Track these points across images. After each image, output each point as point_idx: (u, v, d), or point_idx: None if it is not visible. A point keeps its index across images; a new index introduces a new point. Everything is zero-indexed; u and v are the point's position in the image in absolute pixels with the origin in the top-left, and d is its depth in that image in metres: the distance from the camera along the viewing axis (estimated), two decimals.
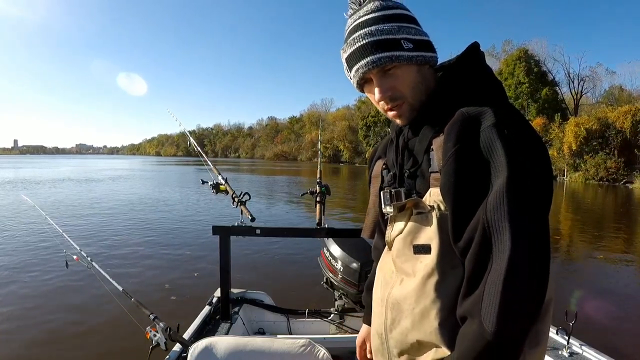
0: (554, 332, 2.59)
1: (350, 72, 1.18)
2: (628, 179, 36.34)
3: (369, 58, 1.11)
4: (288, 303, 3.37)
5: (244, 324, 3.10)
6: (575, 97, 54.78)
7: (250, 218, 2.96)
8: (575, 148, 39.51)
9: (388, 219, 1.28)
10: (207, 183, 3.27)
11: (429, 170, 1.13)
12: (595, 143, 39.12)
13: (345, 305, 3.15)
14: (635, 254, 10.58)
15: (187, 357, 2.09)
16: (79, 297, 6.01)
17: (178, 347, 2.39)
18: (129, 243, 9.68)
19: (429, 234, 1.11)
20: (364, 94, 1.26)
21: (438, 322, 1.06)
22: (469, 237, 0.98)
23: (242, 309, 3.17)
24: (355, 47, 1.13)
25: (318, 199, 3.20)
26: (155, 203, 17.65)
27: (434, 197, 1.10)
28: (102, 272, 2.82)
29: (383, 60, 1.11)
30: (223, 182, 3.25)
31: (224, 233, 2.91)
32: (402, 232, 1.19)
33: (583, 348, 2.45)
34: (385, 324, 1.21)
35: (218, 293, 3.09)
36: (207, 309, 3.04)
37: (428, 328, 1.08)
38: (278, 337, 2.68)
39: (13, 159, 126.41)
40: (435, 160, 1.10)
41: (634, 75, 76.00)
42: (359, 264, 2.97)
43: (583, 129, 39.49)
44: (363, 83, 1.20)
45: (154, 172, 48.56)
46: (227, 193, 3.19)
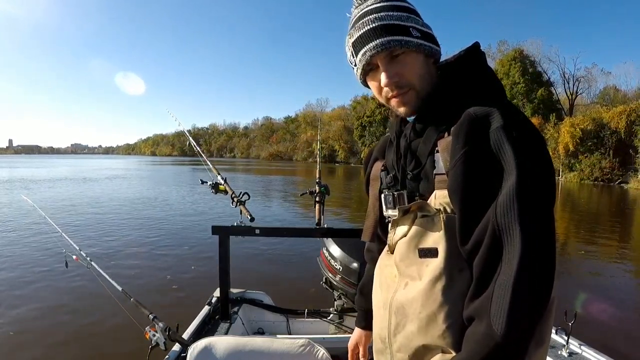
0: (553, 331, 2.59)
1: (357, 56, 1.15)
2: (623, 179, 36.51)
3: (378, 41, 1.09)
4: (287, 303, 3.37)
5: (244, 324, 3.09)
6: (571, 97, 54.98)
7: (250, 218, 2.96)
8: (571, 148, 39.64)
9: (390, 222, 1.26)
10: (206, 183, 3.26)
11: (434, 172, 1.11)
12: (590, 143, 39.25)
13: (345, 305, 3.14)
14: (632, 254, 10.64)
15: (186, 357, 2.09)
16: (78, 297, 6.00)
17: (177, 347, 2.38)
18: (128, 243, 9.68)
19: (436, 238, 1.09)
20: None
21: (446, 325, 1.05)
22: (478, 239, 0.97)
23: (241, 309, 3.17)
24: (364, 30, 1.11)
25: (317, 199, 3.20)
26: (154, 203, 17.68)
27: (440, 199, 1.09)
28: (101, 272, 2.82)
29: (392, 44, 1.09)
30: (222, 182, 3.24)
31: (224, 233, 2.90)
32: (405, 235, 1.17)
33: (582, 348, 2.46)
34: (389, 329, 1.19)
35: (217, 293, 3.08)
36: (206, 309, 3.03)
37: (436, 332, 1.06)
38: (277, 337, 2.68)
39: (8, 159, 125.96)
40: (442, 162, 1.08)
41: (629, 76, 76.34)
42: (359, 264, 2.96)
43: (578, 129, 39.63)
44: (367, 71, 1.17)
45: (151, 171, 48.54)
46: (226, 193, 3.18)
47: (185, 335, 2.61)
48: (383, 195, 1.28)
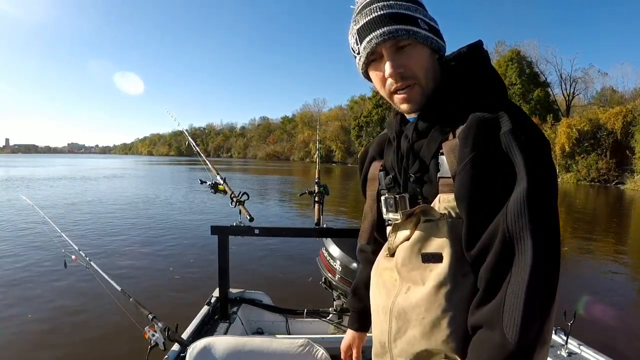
0: (553, 331, 2.60)
1: (361, 44, 1.11)
2: (619, 180, 36.56)
3: (386, 28, 1.06)
4: (287, 303, 3.37)
5: (243, 324, 3.09)
6: (568, 98, 55.03)
7: (249, 218, 2.95)
8: (567, 149, 39.69)
9: (390, 225, 1.24)
10: (205, 183, 3.26)
11: (438, 176, 1.09)
12: (587, 144, 39.30)
13: (344, 305, 3.14)
14: (628, 254, 10.66)
15: (185, 357, 2.09)
16: (77, 296, 6.00)
17: (177, 347, 2.38)
18: (128, 243, 9.68)
19: (440, 243, 1.07)
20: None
21: (450, 331, 1.04)
22: (485, 244, 0.97)
23: (240, 309, 3.17)
24: (371, 17, 1.08)
25: (317, 199, 3.20)
26: (153, 202, 17.68)
27: (445, 203, 1.07)
28: (100, 271, 2.81)
29: (400, 33, 1.06)
30: (221, 182, 3.24)
31: (223, 233, 2.90)
32: (408, 239, 1.14)
33: (581, 348, 2.47)
34: (390, 333, 1.17)
35: (217, 293, 3.08)
36: (205, 309, 3.03)
37: (439, 337, 1.05)
38: (277, 337, 2.68)
39: (5, 158, 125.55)
40: (447, 165, 1.06)
41: (626, 77, 76.41)
42: (358, 264, 2.96)
43: (575, 130, 39.69)
44: (370, 61, 1.14)
45: (148, 171, 48.39)
46: (225, 193, 3.18)
47: (185, 335, 2.61)
48: (383, 198, 1.26)
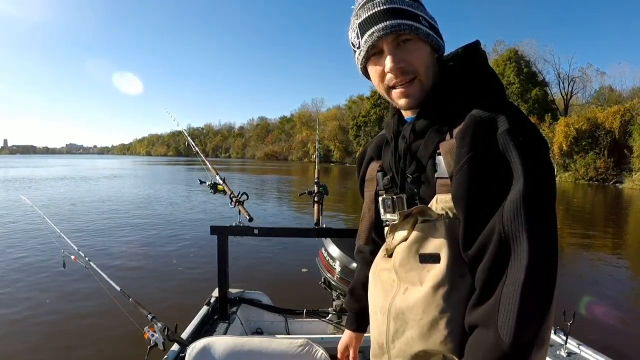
0: (552, 331, 2.60)
1: (362, 37, 1.11)
2: (617, 179, 36.60)
3: (388, 22, 1.06)
4: (286, 303, 3.37)
5: (242, 324, 3.09)
6: (565, 97, 55.09)
7: (249, 218, 2.96)
8: (565, 148, 39.74)
9: (387, 226, 1.24)
10: (204, 183, 3.26)
11: (435, 176, 1.10)
12: (585, 143, 39.36)
13: (343, 305, 3.14)
14: (626, 253, 10.68)
15: (185, 357, 2.09)
16: (77, 297, 5.99)
17: (176, 347, 2.38)
18: (127, 242, 9.67)
19: (438, 243, 1.07)
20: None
21: (447, 331, 1.04)
22: (482, 245, 0.97)
23: (240, 309, 3.17)
24: (373, 11, 1.08)
25: (316, 199, 3.20)
26: (152, 202, 17.67)
27: (442, 203, 1.07)
28: (99, 271, 2.82)
29: (402, 27, 1.06)
30: (221, 182, 3.24)
31: (222, 233, 2.90)
32: (405, 240, 1.14)
33: (580, 348, 2.47)
34: (387, 334, 1.17)
35: (216, 293, 3.08)
36: (205, 309, 3.03)
37: (437, 338, 1.05)
38: (276, 337, 2.68)
39: (3, 159, 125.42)
40: (444, 166, 1.07)
41: (624, 76, 76.21)
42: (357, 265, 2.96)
43: (573, 129, 39.76)
44: (370, 56, 1.14)
45: (147, 171, 48.38)
46: (225, 193, 3.18)
47: (184, 335, 2.61)
48: (381, 199, 1.26)
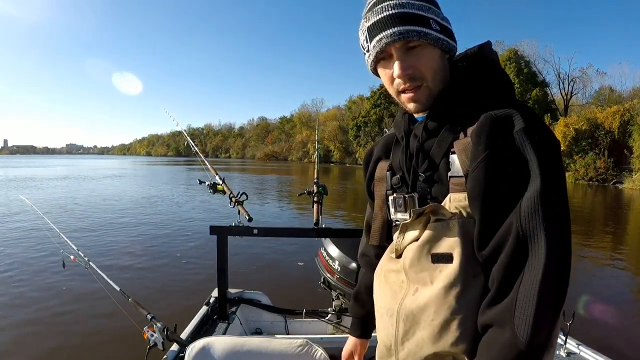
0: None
1: (371, 42, 1.10)
2: (617, 179, 36.62)
3: (396, 29, 1.04)
4: (285, 303, 3.37)
5: (242, 324, 3.09)
6: (565, 97, 55.11)
7: (248, 218, 2.96)
8: (565, 148, 39.74)
9: (398, 226, 1.21)
10: (204, 183, 3.26)
11: (449, 175, 1.08)
12: (585, 143, 39.37)
13: (343, 305, 3.14)
14: (626, 253, 10.69)
15: (184, 357, 2.09)
16: (76, 297, 5.99)
17: (175, 347, 2.38)
18: (126, 242, 9.67)
19: (451, 243, 1.05)
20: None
21: (459, 332, 1.03)
22: (498, 244, 0.96)
23: (239, 309, 3.17)
24: (382, 15, 1.06)
25: (315, 199, 3.20)
26: (152, 202, 17.67)
27: (455, 202, 1.06)
28: (99, 271, 2.82)
29: (411, 34, 1.05)
30: (220, 182, 3.24)
31: (222, 233, 2.90)
32: (416, 240, 1.12)
33: (580, 347, 2.47)
34: (397, 336, 1.15)
35: (215, 293, 3.08)
36: (204, 309, 3.03)
37: (449, 339, 1.04)
38: (275, 337, 2.68)
39: (4, 159, 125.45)
40: (458, 164, 1.06)
41: (624, 76, 76.28)
42: (357, 264, 2.96)
43: (572, 129, 39.77)
44: (380, 59, 1.13)
45: (147, 171, 48.42)
46: (224, 193, 3.18)
47: (184, 336, 2.61)
48: (392, 198, 1.24)
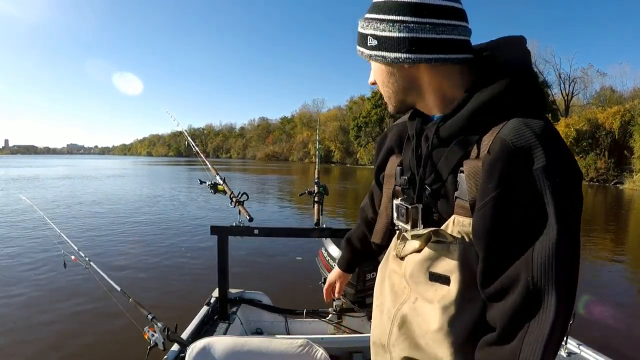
0: None
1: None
2: (618, 180, 36.64)
3: (358, 47, 1.10)
4: (286, 303, 3.37)
5: (242, 324, 3.09)
6: (566, 98, 55.07)
7: (249, 218, 2.96)
8: None
9: (399, 230, 1.20)
10: (205, 183, 3.26)
11: (455, 195, 1.03)
12: (585, 144, 39.40)
13: (343, 306, 3.14)
14: (627, 253, 10.68)
15: (185, 357, 2.09)
16: (77, 297, 5.98)
17: (176, 347, 2.38)
18: (127, 243, 9.67)
19: (449, 266, 1.03)
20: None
21: (449, 352, 1.03)
22: (503, 287, 0.93)
23: (240, 309, 3.17)
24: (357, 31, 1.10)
25: (316, 199, 3.20)
26: (152, 202, 17.68)
27: (458, 226, 1.01)
28: (100, 271, 2.82)
29: (359, 53, 1.10)
30: (221, 182, 3.24)
31: (222, 233, 2.90)
32: (417, 252, 1.11)
33: (581, 347, 2.47)
34: (389, 338, 1.16)
35: (216, 293, 3.09)
36: (205, 309, 3.03)
37: (437, 356, 1.05)
38: (276, 337, 2.68)
39: (5, 159, 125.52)
40: (466, 188, 0.99)
41: (625, 77, 76.13)
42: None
43: (573, 130, 39.77)
44: None
45: (148, 171, 48.43)
46: (225, 193, 3.18)
47: (184, 336, 2.61)
48: (395, 203, 1.20)
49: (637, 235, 14.12)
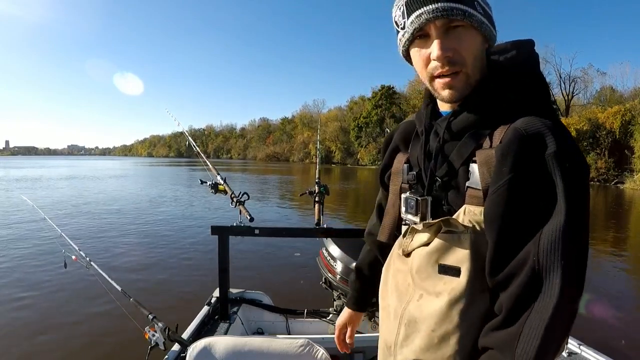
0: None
1: (408, 18, 1.02)
2: (619, 180, 36.60)
3: (440, 4, 0.96)
4: (287, 303, 3.37)
5: (243, 324, 3.09)
6: (567, 98, 55.02)
7: (249, 218, 2.96)
8: None
9: (407, 225, 1.18)
10: (205, 183, 3.26)
11: (467, 185, 1.03)
12: (586, 143, 39.33)
13: (344, 305, 3.14)
14: (628, 253, 10.67)
15: (185, 357, 2.09)
16: (77, 297, 5.99)
17: (177, 347, 2.38)
18: (128, 243, 9.68)
19: (460, 256, 1.02)
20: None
21: (458, 347, 1.01)
22: (511, 272, 0.92)
23: (240, 309, 3.17)
24: None
25: (317, 199, 3.20)
26: (154, 202, 17.74)
27: (470, 216, 1.01)
28: (100, 271, 2.82)
29: (455, 12, 0.97)
30: (222, 182, 3.24)
31: (223, 233, 2.90)
32: (426, 245, 1.09)
33: (581, 348, 2.46)
34: (397, 339, 1.14)
35: (217, 293, 3.08)
36: (205, 309, 3.03)
37: (446, 352, 1.02)
38: (277, 337, 2.68)
39: (5, 160, 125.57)
40: (478, 176, 1.00)
41: (625, 77, 76.25)
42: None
43: (573, 129, 39.72)
44: (415, 38, 1.05)
45: (149, 172, 48.43)
46: (225, 193, 3.18)
47: (185, 336, 2.61)
48: (404, 197, 1.19)
49: (637, 235, 14.10)
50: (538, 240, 0.89)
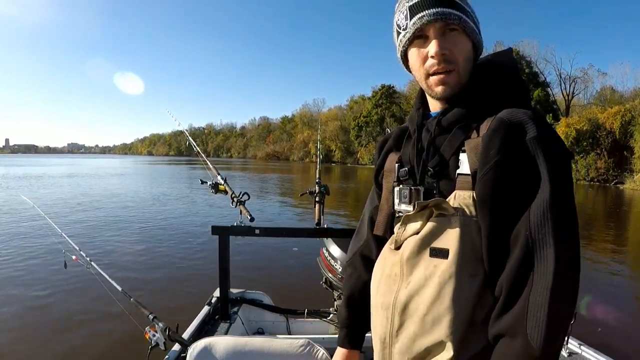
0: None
1: (411, 19, 1.13)
2: (619, 180, 36.62)
3: (439, 9, 1.10)
4: (287, 303, 3.36)
5: (243, 324, 3.09)
6: (567, 98, 55.03)
7: (250, 218, 2.95)
8: None
9: (400, 218, 1.22)
10: (206, 183, 3.26)
11: (457, 172, 1.11)
12: (586, 143, 39.36)
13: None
14: (628, 253, 10.68)
15: (186, 357, 2.09)
16: (77, 297, 5.99)
17: (177, 347, 2.37)
18: (128, 242, 9.68)
19: (449, 238, 1.07)
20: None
21: (451, 330, 1.03)
22: (506, 251, 0.98)
23: (241, 309, 3.16)
24: None
25: (317, 199, 3.20)
26: (154, 202, 17.72)
27: (460, 200, 1.07)
28: (101, 272, 2.81)
29: (452, 17, 1.10)
30: (222, 182, 3.23)
31: (223, 233, 2.90)
32: (417, 233, 1.14)
33: (582, 347, 2.46)
34: (392, 329, 1.15)
35: (217, 293, 3.08)
36: (206, 309, 3.02)
37: (439, 335, 1.05)
38: (277, 337, 2.68)
39: (5, 159, 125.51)
40: (467, 163, 1.08)
41: (625, 77, 76.15)
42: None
43: (573, 130, 39.75)
44: (415, 39, 1.16)
45: (149, 171, 48.44)
46: (226, 193, 3.18)
47: (185, 336, 2.60)
48: (397, 189, 1.25)
49: (637, 235, 14.11)
50: (528, 217, 0.95)
